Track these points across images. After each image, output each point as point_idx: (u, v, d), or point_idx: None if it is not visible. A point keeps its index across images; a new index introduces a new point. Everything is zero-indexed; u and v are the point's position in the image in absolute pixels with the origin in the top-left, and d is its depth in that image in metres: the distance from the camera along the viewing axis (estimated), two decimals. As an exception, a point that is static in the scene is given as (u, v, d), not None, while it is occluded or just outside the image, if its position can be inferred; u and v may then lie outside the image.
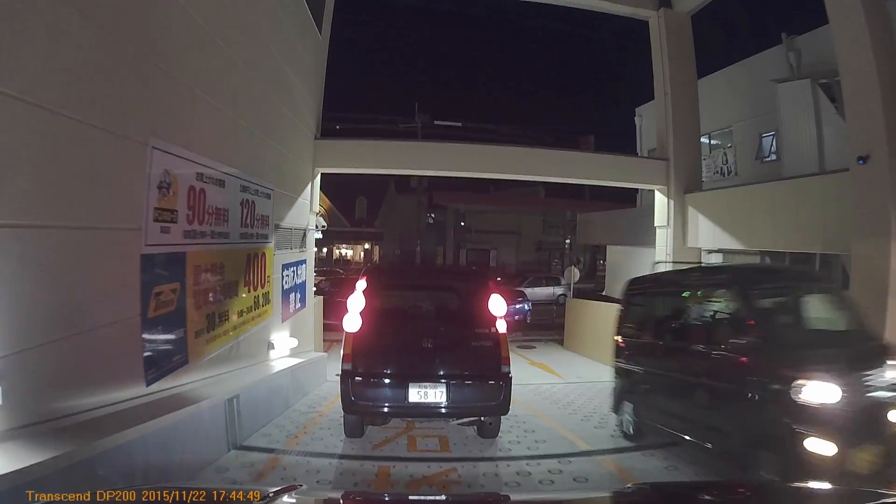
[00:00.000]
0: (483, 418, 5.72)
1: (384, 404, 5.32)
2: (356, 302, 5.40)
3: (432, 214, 40.82)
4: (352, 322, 5.37)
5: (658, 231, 12.19)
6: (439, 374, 5.26)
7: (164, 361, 4.60)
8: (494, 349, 5.35)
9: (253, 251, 6.54)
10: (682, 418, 5.23)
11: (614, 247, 18.16)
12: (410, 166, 10.46)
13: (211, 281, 5.39)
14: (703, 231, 11.46)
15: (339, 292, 14.24)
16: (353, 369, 5.25)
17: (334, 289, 15.66)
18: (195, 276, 5.08)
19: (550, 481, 4.76)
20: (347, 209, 38.09)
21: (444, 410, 5.27)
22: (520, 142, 10.95)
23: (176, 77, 4.79)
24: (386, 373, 5.30)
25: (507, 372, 5.37)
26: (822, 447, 3.82)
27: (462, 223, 39.39)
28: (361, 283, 5.52)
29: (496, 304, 5.49)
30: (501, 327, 5.45)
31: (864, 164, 7.53)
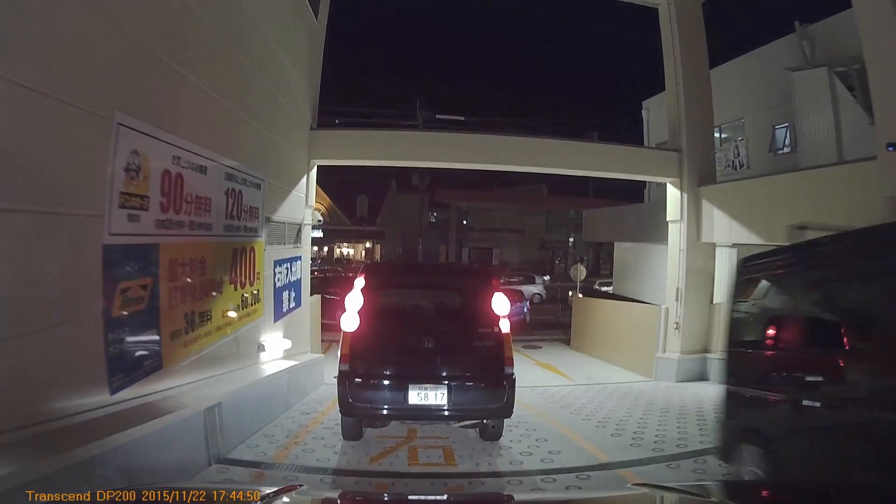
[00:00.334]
0: (486, 421, 5.51)
1: (383, 406, 5.14)
2: (354, 301, 5.20)
3: (434, 213, 40.43)
4: (350, 321, 5.16)
5: (671, 226, 11.64)
6: (440, 375, 5.08)
7: (132, 366, 4.09)
8: (497, 349, 5.17)
9: (240, 245, 6.03)
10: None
11: (622, 244, 17.54)
12: (412, 158, 9.94)
13: (190, 277, 4.88)
14: (719, 225, 10.91)
15: (334, 291, 13.63)
16: (351, 370, 5.05)
17: (330, 288, 15.06)
18: (171, 271, 4.57)
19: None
20: (348, 208, 37.72)
21: (445, 413, 5.10)
22: (525, 134, 10.31)
23: (149, 48, 4.28)
24: (385, 374, 5.13)
25: (510, 373, 5.17)
26: None
27: (464, 221, 38.95)
28: (360, 282, 5.31)
29: (499, 303, 5.29)
30: (505, 327, 5.25)
31: (895, 150, 7.03)
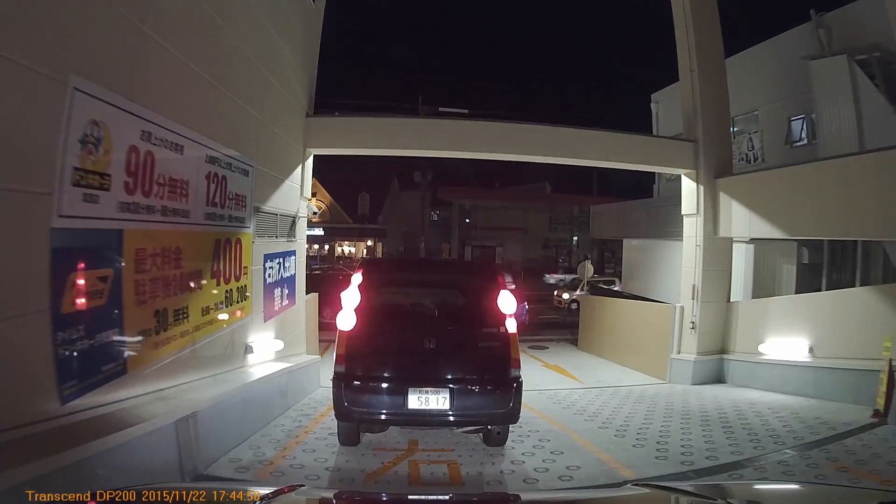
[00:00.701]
0: (490, 427, 5.22)
1: (381, 411, 4.83)
2: (351, 298, 4.91)
3: (436, 211, 39.96)
4: (346, 320, 4.86)
5: (686, 220, 11.05)
6: (442, 378, 4.80)
7: (89, 371, 3.53)
8: (503, 351, 4.88)
9: (224, 236, 5.47)
10: None
11: (631, 241, 17.01)
12: (414, 146, 9.34)
13: (162, 269, 4.32)
14: (737, 218, 10.31)
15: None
16: (347, 372, 4.78)
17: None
18: (138, 262, 4.01)
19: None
20: (350, 205, 37.24)
21: (448, 418, 4.83)
22: (531, 122, 9.72)
23: (116, 7, 3.72)
24: (383, 376, 4.85)
25: (517, 376, 4.87)
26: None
27: (467, 220, 38.46)
28: (357, 278, 5.03)
29: (505, 301, 4.99)
30: (511, 327, 4.95)
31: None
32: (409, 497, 3.11)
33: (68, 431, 3.21)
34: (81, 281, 3.41)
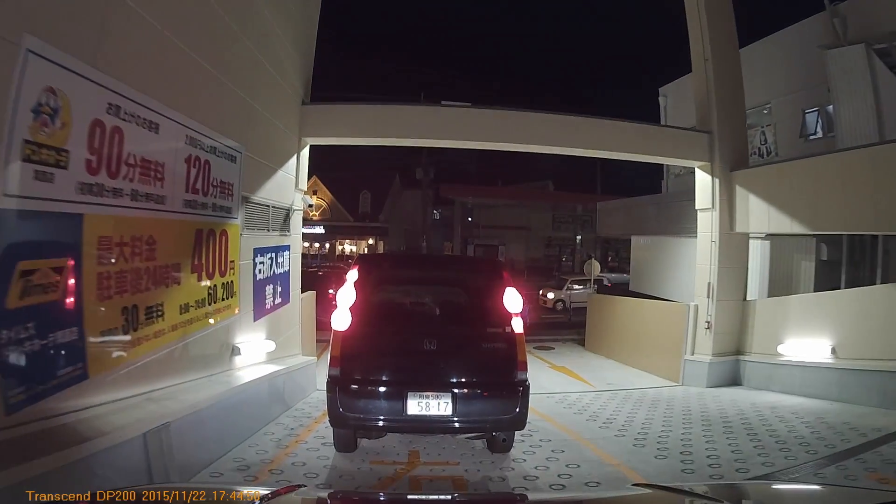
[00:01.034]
0: (495, 433, 4.92)
1: (378, 417, 4.52)
2: (346, 296, 4.60)
3: (438, 210, 39.55)
4: (341, 319, 4.55)
5: (700, 215, 10.56)
6: (444, 381, 4.51)
7: (41, 376, 3.06)
8: (509, 352, 4.57)
9: (207, 226, 4.99)
10: None
11: (640, 238, 16.48)
12: (415, 135, 8.85)
13: (132, 260, 3.84)
14: (755, 213, 9.82)
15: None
16: (342, 375, 4.47)
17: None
18: (102, 252, 3.54)
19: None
20: (351, 203, 36.89)
21: (449, 425, 4.50)
22: (539, 110, 9.22)
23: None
24: (380, 380, 4.54)
25: (524, 379, 4.56)
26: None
27: (469, 218, 37.98)
28: (353, 274, 4.71)
29: (511, 300, 4.68)
30: (518, 326, 4.64)
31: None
32: (409, 497, 3.04)
33: (14, 446, 2.75)
34: (31, 271, 2.94)
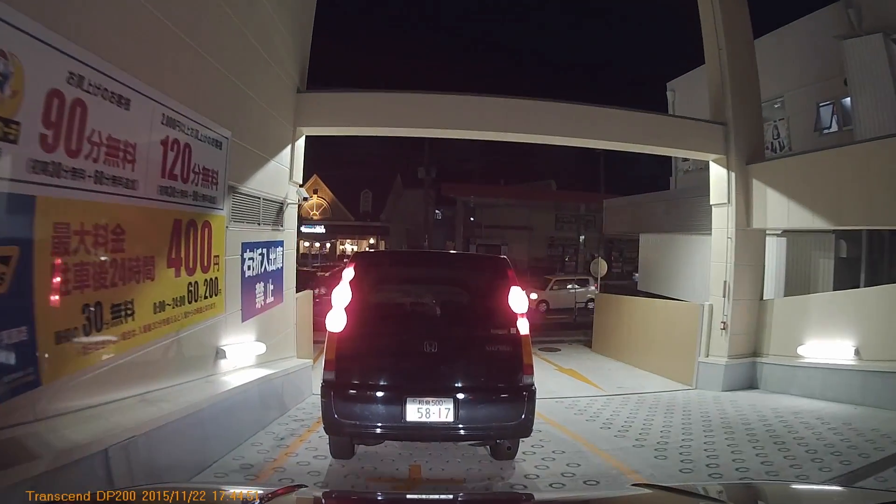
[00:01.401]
0: (499, 440, 4.70)
1: (375, 424, 4.29)
2: (342, 295, 4.38)
3: (440, 210, 39.16)
4: (336, 320, 4.32)
5: (715, 211, 10.10)
6: (445, 386, 4.30)
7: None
8: (514, 354, 4.38)
9: (186, 217, 4.53)
10: None
11: (648, 236, 16.00)
12: (417, 124, 8.38)
13: (95, 252, 3.40)
14: (773, 208, 9.36)
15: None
16: (337, 379, 4.25)
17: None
18: (58, 241, 3.09)
19: None
20: (352, 203, 36.49)
21: (451, 432, 4.30)
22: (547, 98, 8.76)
23: None
24: (378, 384, 4.34)
25: (530, 383, 4.37)
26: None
27: (472, 218, 37.52)
28: (349, 272, 4.49)
29: (516, 299, 4.48)
30: (523, 328, 4.43)
31: None
32: (409, 497, 3.03)
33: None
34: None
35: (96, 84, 3.42)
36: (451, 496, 3.19)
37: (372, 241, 37.67)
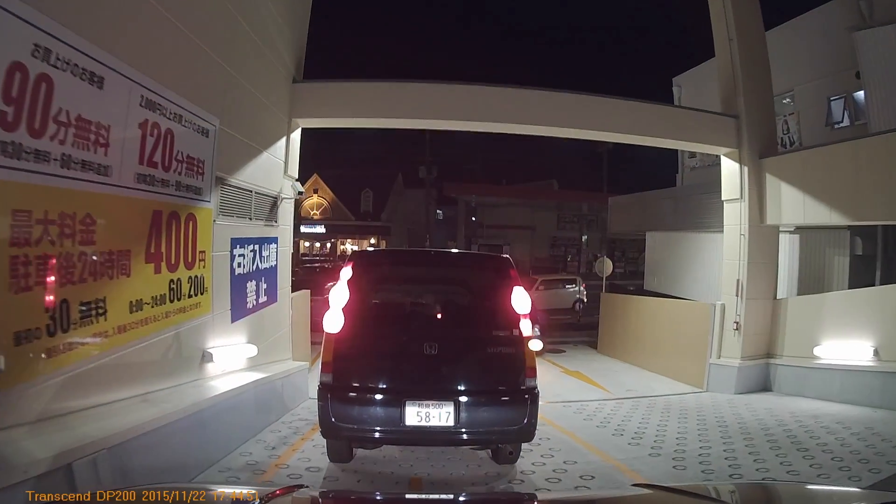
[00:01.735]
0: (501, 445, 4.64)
1: (374, 428, 4.19)
2: (339, 295, 4.27)
3: (441, 210, 38.88)
4: (333, 321, 4.20)
5: (727, 207, 9.75)
6: (445, 389, 4.18)
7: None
8: (517, 357, 4.28)
9: (168, 208, 4.19)
10: None
11: (655, 234, 15.66)
12: (418, 115, 8.03)
13: (60, 243, 3.06)
14: (788, 203, 9.02)
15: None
16: (334, 382, 4.15)
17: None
18: (16, 230, 2.76)
19: None
20: (353, 202, 36.20)
21: (452, 437, 4.18)
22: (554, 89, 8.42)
23: None
24: (376, 387, 4.23)
25: (533, 387, 4.28)
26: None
27: (473, 218, 37.18)
28: (346, 272, 4.38)
29: (519, 300, 4.37)
30: (526, 329, 4.35)
31: None
32: (409, 497, 3.03)
33: None
34: None
35: (65, 59, 3.09)
36: (450, 496, 3.18)
37: (373, 240, 37.41)
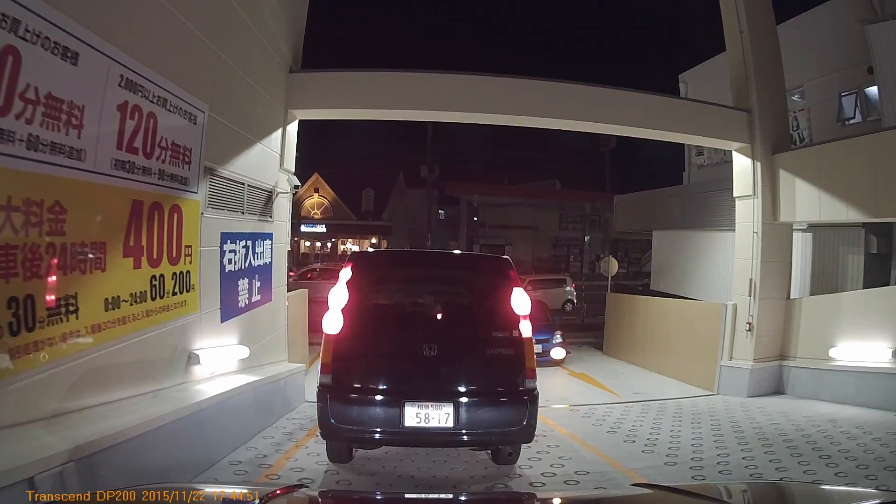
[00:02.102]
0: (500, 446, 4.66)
1: (373, 429, 4.20)
2: (339, 296, 4.28)
3: (443, 210, 38.63)
4: (333, 322, 4.21)
5: (739, 204, 9.44)
6: (445, 390, 4.21)
7: None
8: (516, 358, 4.29)
9: (149, 198, 3.88)
10: None
11: (662, 233, 15.35)
12: (419, 106, 7.71)
13: (24, 233, 2.76)
14: (803, 200, 8.71)
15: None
16: (334, 383, 4.16)
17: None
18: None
19: None
20: (353, 201, 35.96)
21: (451, 438, 4.23)
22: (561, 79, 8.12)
23: None
24: (375, 388, 4.26)
25: (532, 388, 4.31)
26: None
27: (475, 218, 36.91)
28: (346, 273, 4.39)
29: (519, 301, 4.38)
30: (526, 330, 4.35)
31: None
32: (408, 497, 3.05)
33: None
34: None
35: (35, 31, 2.81)
36: (450, 496, 3.14)
37: (374, 240, 37.15)
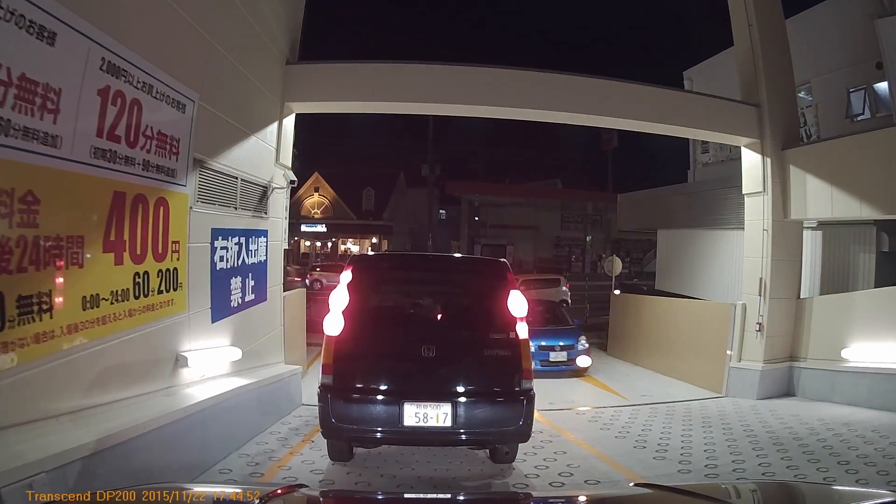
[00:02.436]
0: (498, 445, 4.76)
1: (373, 428, 4.30)
2: (339, 298, 4.35)
3: (444, 209, 38.44)
4: (333, 324, 4.28)
5: (749, 201, 9.21)
6: (443, 390, 4.30)
7: None
8: (513, 359, 4.38)
9: (132, 190, 3.65)
10: None
11: (667, 232, 15.12)
12: (420, 99, 7.44)
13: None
14: (814, 196, 8.48)
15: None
16: (334, 383, 4.24)
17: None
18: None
19: None
20: (354, 201, 35.79)
21: (449, 437, 4.33)
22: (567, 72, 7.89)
23: None
24: (375, 388, 4.34)
25: (529, 388, 4.40)
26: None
27: (476, 217, 36.68)
28: (346, 275, 4.46)
29: (515, 303, 4.46)
30: (522, 331, 4.43)
31: None
32: (408, 497, 3.06)
33: None
34: None
35: (8, 8, 2.60)
36: (449, 496, 3.15)
37: (374, 240, 36.96)
